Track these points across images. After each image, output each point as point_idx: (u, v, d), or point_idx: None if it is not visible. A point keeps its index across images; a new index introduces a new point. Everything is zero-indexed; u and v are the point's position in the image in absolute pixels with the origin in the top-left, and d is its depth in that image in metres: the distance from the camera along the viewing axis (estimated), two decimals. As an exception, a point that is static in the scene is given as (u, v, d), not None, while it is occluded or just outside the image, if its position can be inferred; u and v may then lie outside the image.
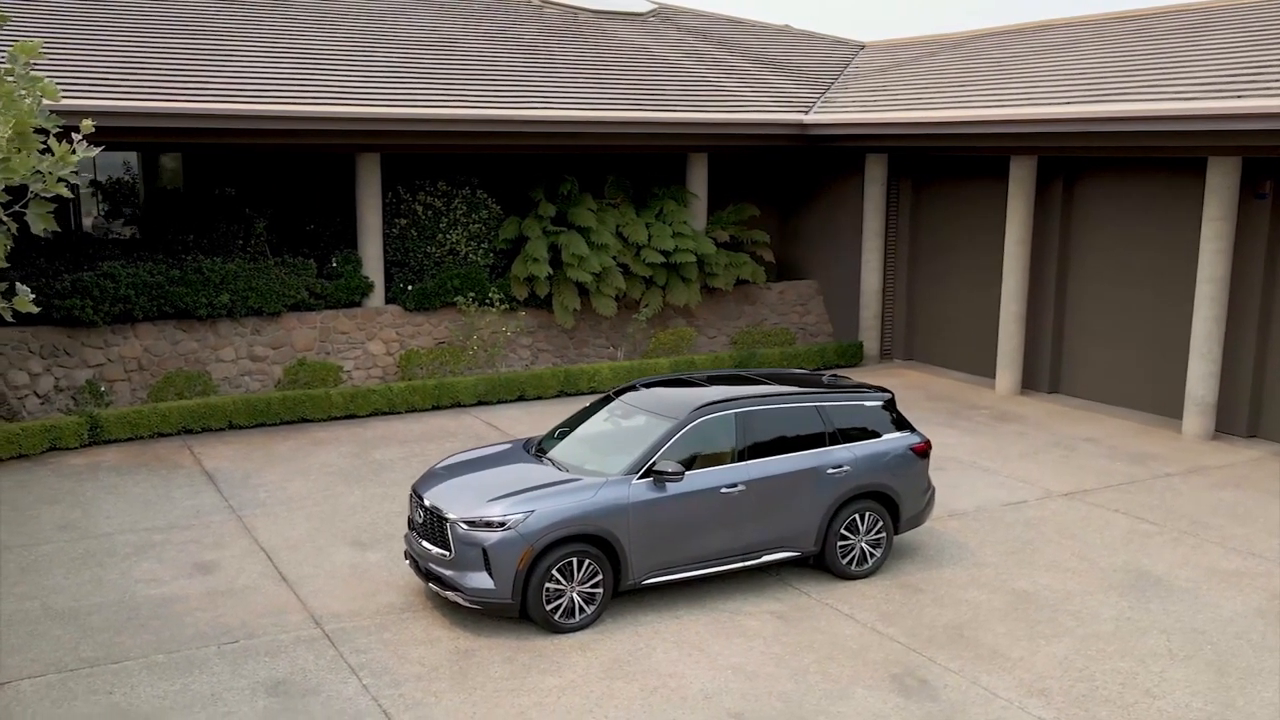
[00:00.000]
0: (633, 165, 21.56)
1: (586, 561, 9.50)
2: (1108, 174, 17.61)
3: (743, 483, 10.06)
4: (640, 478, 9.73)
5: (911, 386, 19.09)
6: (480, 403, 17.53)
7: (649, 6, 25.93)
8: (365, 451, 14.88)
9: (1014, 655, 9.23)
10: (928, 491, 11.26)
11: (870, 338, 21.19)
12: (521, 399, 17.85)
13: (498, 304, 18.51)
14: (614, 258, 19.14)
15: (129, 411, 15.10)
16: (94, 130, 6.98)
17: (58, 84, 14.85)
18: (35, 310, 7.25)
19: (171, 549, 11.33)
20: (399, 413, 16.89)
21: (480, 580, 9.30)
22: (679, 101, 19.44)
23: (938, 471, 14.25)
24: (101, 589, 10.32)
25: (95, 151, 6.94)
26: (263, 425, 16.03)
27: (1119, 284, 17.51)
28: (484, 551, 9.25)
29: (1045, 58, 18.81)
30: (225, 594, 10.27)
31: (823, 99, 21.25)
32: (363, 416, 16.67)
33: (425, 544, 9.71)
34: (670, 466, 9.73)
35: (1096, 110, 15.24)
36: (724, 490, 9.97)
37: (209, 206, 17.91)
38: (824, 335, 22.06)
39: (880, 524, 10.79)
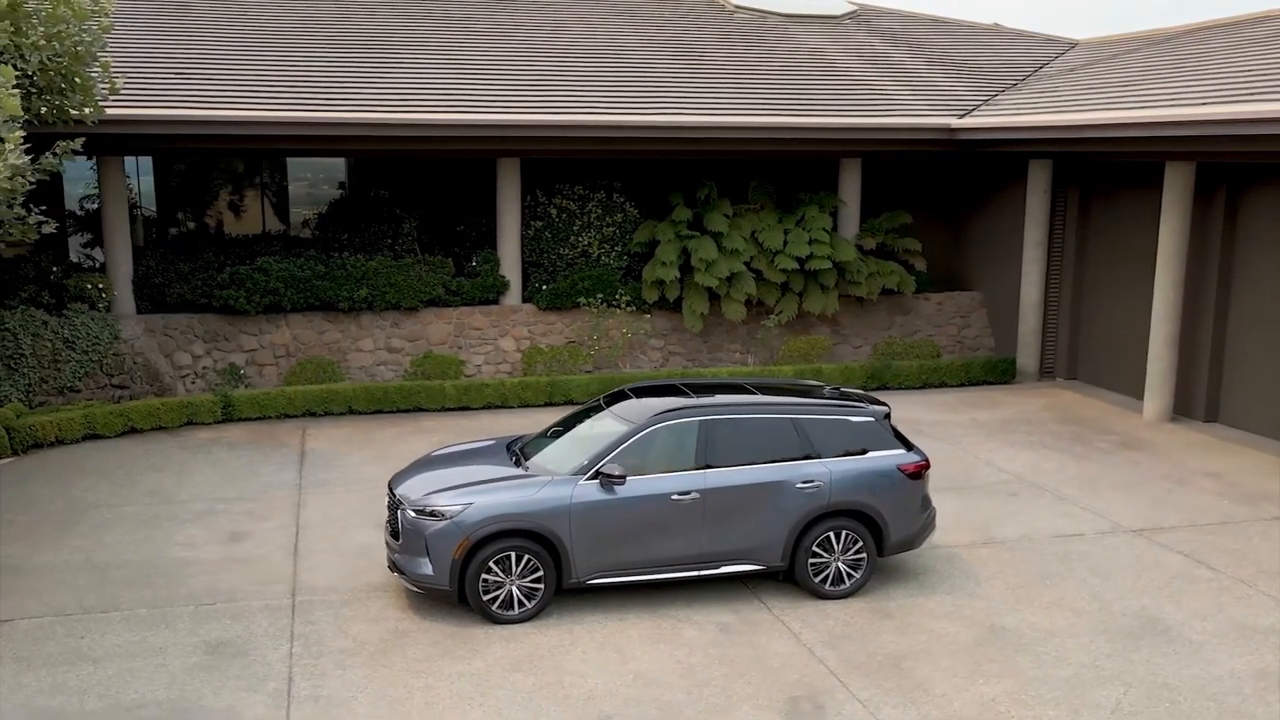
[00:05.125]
0: (779, 170, 21.39)
1: (526, 557, 9.77)
2: (1277, 184, 15.89)
3: (697, 491, 10.01)
4: (588, 479, 9.90)
5: (1051, 408, 17.93)
6: (594, 401, 18.00)
7: (847, 8, 25.52)
8: (457, 442, 15.67)
9: (938, 691, 8.75)
10: (925, 513, 10.74)
11: (1028, 354, 20.02)
12: (637, 400, 18.15)
13: (624, 305, 18.92)
14: (747, 263, 19.12)
15: (259, 394, 16.63)
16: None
17: (224, 97, 16.56)
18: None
19: (223, 518, 12.50)
20: (511, 407, 17.64)
21: (423, 566, 9.78)
22: (825, 106, 19.13)
23: (1010, 496, 13.45)
24: (141, 548, 11.57)
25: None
26: (380, 412, 17.20)
27: (1282, 305, 15.78)
28: (425, 540, 9.72)
29: (1239, 53, 17.12)
30: (237, 561, 11.26)
31: (990, 102, 20.28)
32: (475, 409, 17.53)
33: (389, 531, 10.30)
34: (615, 470, 9.84)
35: (1238, 111, 13.82)
36: (675, 497, 9.97)
37: (365, 208, 19.33)
38: (984, 350, 21.05)
39: (860, 544, 10.41)
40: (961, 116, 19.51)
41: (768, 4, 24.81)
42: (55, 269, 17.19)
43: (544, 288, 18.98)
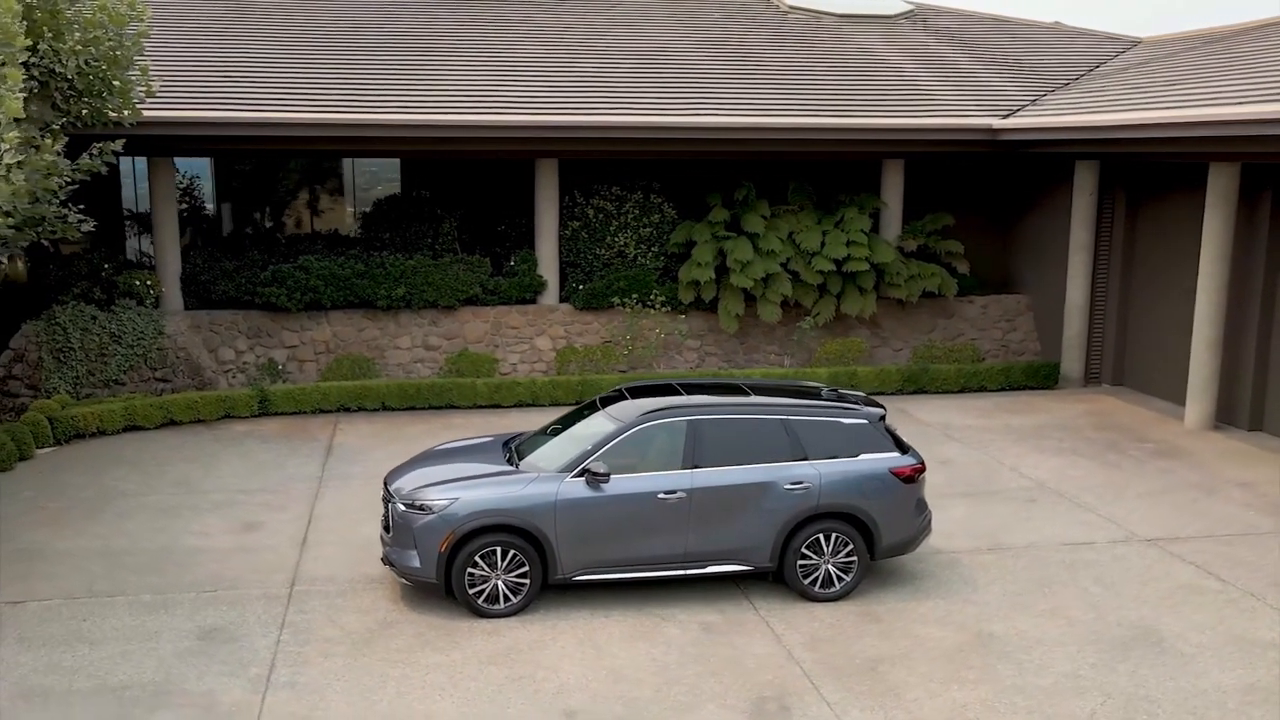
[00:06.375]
0: (819, 171, 21.21)
1: (511, 552, 9.90)
2: (1321, 184, 15.41)
3: (684, 490, 10.05)
4: (574, 476, 10.00)
5: (1090, 414, 17.56)
6: (625, 401, 18.08)
7: (904, 8, 25.24)
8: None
9: (909, 696, 8.67)
10: (920, 517, 10.64)
11: (1072, 359, 19.62)
12: (668, 400, 18.19)
13: (659, 306, 18.98)
14: (784, 265, 19.04)
15: (294, 389, 17.03)
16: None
17: (262, 99, 17.02)
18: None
19: (240, 508, 12.85)
20: (542, 405, 17.80)
21: (411, 559, 9.97)
22: (865, 106, 18.97)
23: (1027, 503, 13.23)
24: (157, 536, 11.94)
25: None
26: (413, 409, 17.49)
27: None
28: (413, 533, 9.91)
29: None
30: (246, 550, 11.57)
31: (1037, 102, 19.93)
32: (506, 407, 17.73)
33: (382, 524, 10.50)
34: (600, 467, 9.93)
35: (1274, 111, 13.41)
36: (661, 496, 10.01)
37: (407, 207, 19.66)
38: (1030, 354, 20.67)
39: (850, 547, 10.35)
40: (1005, 117, 19.20)
41: (822, 4, 24.66)
42: (106, 266, 17.78)
43: (580, 288, 19.13)
